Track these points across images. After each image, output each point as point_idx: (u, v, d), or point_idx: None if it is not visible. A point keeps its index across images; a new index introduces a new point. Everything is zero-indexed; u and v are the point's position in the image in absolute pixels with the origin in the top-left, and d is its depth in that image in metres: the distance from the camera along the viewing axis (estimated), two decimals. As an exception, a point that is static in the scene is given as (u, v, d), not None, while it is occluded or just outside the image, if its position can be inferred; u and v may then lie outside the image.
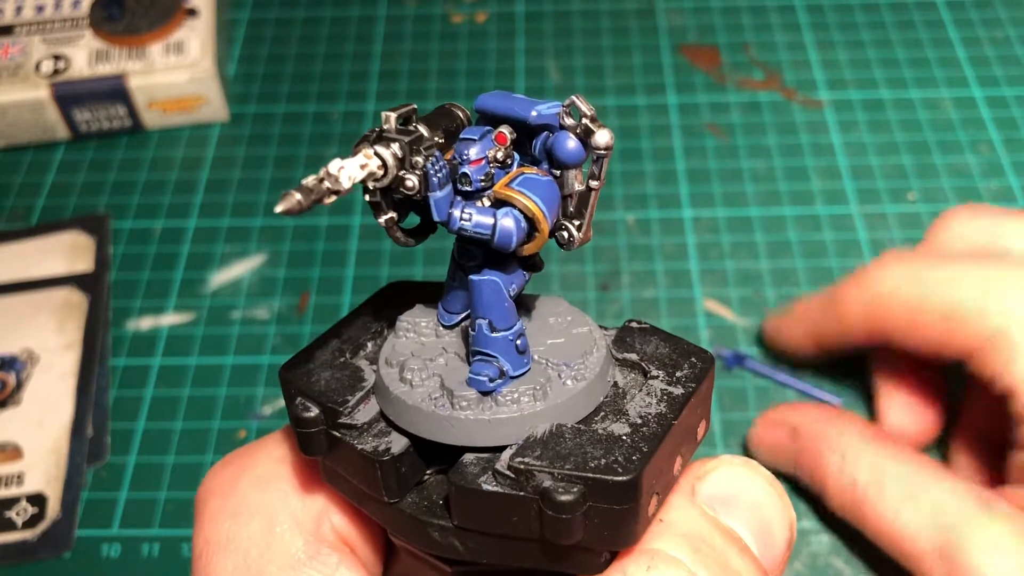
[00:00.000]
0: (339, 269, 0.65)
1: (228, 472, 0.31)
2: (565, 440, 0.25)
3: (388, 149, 0.24)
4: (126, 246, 0.67)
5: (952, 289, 0.45)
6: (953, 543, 0.41)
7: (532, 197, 0.25)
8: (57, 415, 0.58)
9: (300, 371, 0.28)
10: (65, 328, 0.62)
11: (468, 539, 0.26)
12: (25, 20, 0.75)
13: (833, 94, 0.74)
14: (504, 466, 0.25)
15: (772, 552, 0.28)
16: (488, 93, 0.26)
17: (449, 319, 0.29)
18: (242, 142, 0.73)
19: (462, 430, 0.26)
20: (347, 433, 0.27)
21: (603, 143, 0.25)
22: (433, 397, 0.26)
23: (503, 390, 0.26)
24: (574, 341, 0.28)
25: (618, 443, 0.25)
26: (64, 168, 0.72)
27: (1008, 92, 0.73)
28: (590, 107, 0.25)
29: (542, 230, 0.25)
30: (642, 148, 0.71)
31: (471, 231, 0.25)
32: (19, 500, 0.55)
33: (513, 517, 0.25)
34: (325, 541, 0.29)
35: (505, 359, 0.26)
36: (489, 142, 0.26)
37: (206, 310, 0.63)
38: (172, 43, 0.72)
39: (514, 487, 0.25)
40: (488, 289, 0.26)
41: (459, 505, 0.26)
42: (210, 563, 0.29)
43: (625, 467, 0.24)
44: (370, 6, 0.83)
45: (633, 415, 0.26)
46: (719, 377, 0.59)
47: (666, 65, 0.77)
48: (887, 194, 0.67)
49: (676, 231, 0.66)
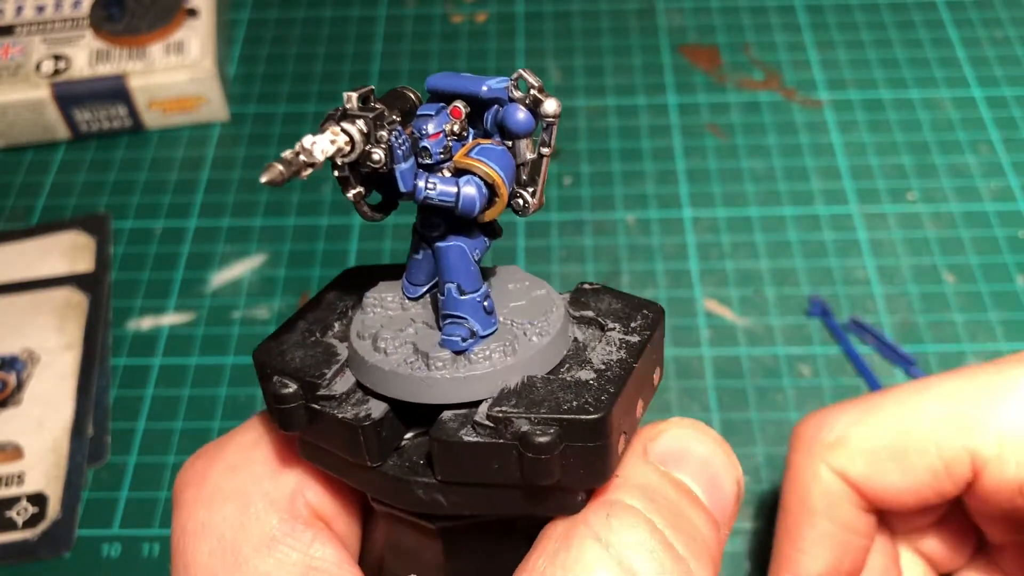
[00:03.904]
0: (339, 269, 0.65)
1: (200, 463, 0.31)
2: (537, 389, 0.27)
3: (354, 125, 0.26)
4: (126, 246, 0.67)
5: (921, 418, 0.39)
6: None
7: (491, 164, 0.27)
8: (58, 415, 0.58)
9: (273, 352, 0.29)
10: (65, 328, 0.62)
11: (451, 493, 0.28)
12: (25, 20, 0.75)
13: (833, 94, 0.74)
14: (483, 417, 0.26)
15: (721, 503, 0.30)
16: (437, 74, 0.28)
17: (414, 291, 0.30)
18: (242, 142, 0.73)
19: (439, 389, 0.27)
20: (326, 405, 0.28)
21: (551, 111, 0.27)
22: (408, 361, 0.28)
23: (475, 349, 0.28)
24: (535, 302, 0.30)
25: (586, 387, 0.27)
26: (64, 168, 0.72)
27: (1008, 92, 0.73)
28: (537, 79, 0.27)
29: (501, 195, 0.27)
30: (642, 148, 0.71)
31: (436, 199, 0.27)
32: (19, 500, 0.55)
33: (494, 465, 0.27)
34: (299, 518, 0.30)
35: (474, 320, 0.28)
36: (445, 117, 0.27)
37: (206, 310, 0.63)
38: (172, 43, 0.72)
39: (493, 435, 0.26)
40: (454, 254, 0.28)
41: (442, 459, 0.27)
42: (187, 550, 0.30)
43: (595, 406, 0.26)
44: (370, 6, 0.83)
45: (597, 362, 0.28)
46: (719, 377, 0.59)
47: (666, 65, 0.77)
48: (887, 194, 0.68)
49: (676, 231, 0.66)
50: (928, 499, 0.40)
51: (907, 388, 0.40)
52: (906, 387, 0.40)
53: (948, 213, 0.66)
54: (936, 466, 0.38)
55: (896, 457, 0.39)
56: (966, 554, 0.45)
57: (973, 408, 0.38)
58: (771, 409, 0.57)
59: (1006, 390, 0.37)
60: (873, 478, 0.40)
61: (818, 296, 0.62)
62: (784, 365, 0.59)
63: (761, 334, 0.60)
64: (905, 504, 0.40)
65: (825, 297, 0.62)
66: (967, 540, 0.44)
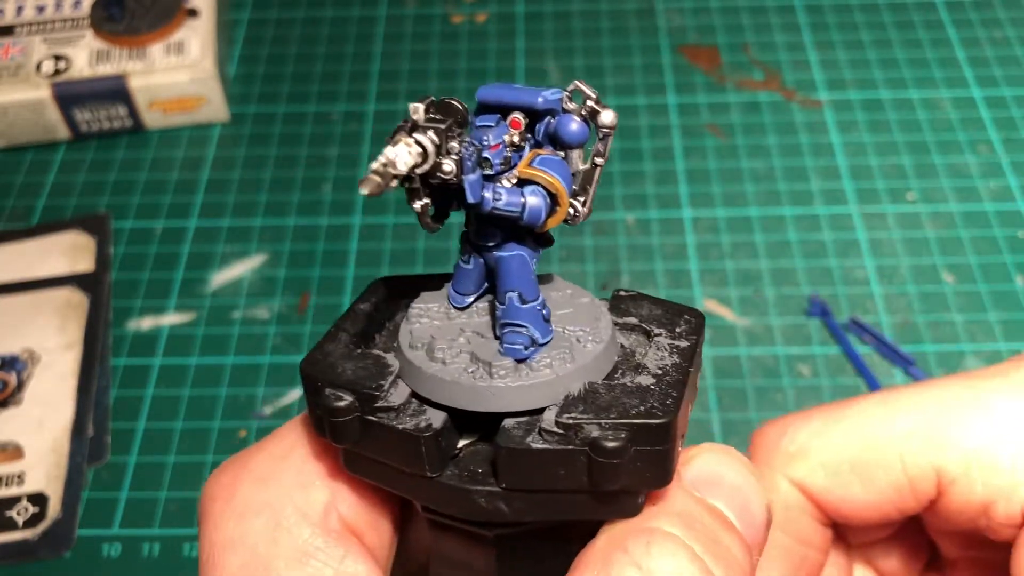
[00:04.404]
0: (339, 269, 0.65)
1: (227, 476, 0.31)
2: (601, 395, 0.28)
3: (426, 136, 0.26)
4: (127, 246, 0.67)
5: (887, 432, 0.38)
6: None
7: (554, 175, 0.27)
8: (58, 415, 0.58)
9: (322, 365, 0.29)
10: (66, 328, 0.62)
11: (515, 500, 0.28)
12: (26, 20, 0.75)
13: (832, 94, 0.74)
14: (550, 424, 0.27)
15: (753, 529, 0.30)
16: (488, 85, 0.28)
17: (461, 301, 0.30)
18: (242, 142, 0.73)
19: (504, 398, 0.28)
20: (384, 416, 0.28)
21: (608, 122, 0.27)
22: (469, 371, 0.28)
23: (536, 356, 0.28)
24: (581, 310, 0.30)
25: (649, 392, 0.28)
26: (65, 168, 0.72)
27: (1007, 92, 0.74)
28: (593, 90, 0.27)
29: (563, 204, 0.27)
30: (642, 148, 0.71)
31: (503, 209, 0.27)
32: (20, 499, 0.55)
33: (560, 471, 0.27)
34: (332, 532, 0.29)
35: (535, 328, 0.28)
36: (504, 128, 0.28)
37: (207, 310, 0.63)
38: (173, 43, 0.72)
39: (563, 441, 0.27)
40: (517, 263, 0.28)
41: (508, 467, 0.27)
42: (217, 563, 0.29)
43: (663, 411, 0.27)
44: (370, 6, 0.83)
45: (653, 368, 0.29)
46: (719, 377, 0.59)
47: (666, 65, 0.77)
48: (886, 194, 0.68)
49: (676, 231, 0.66)
50: (890, 515, 0.39)
51: (873, 399, 0.39)
52: (872, 398, 0.39)
53: (947, 213, 0.66)
54: (901, 482, 0.37)
55: (859, 471, 0.38)
56: (918, 568, 0.44)
57: (941, 424, 0.37)
58: (771, 409, 0.57)
59: (976, 407, 0.36)
60: (834, 492, 0.39)
61: (818, 296, 0.62)
62: (784, 365, 0.59)
63: (761, 334, 0.60)
64: (866, 519, 0.39)
65: (825, 297, 0.62)
66: (920, 554, 0.44)
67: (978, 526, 0.37)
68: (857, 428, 0.38)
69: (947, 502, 0.37)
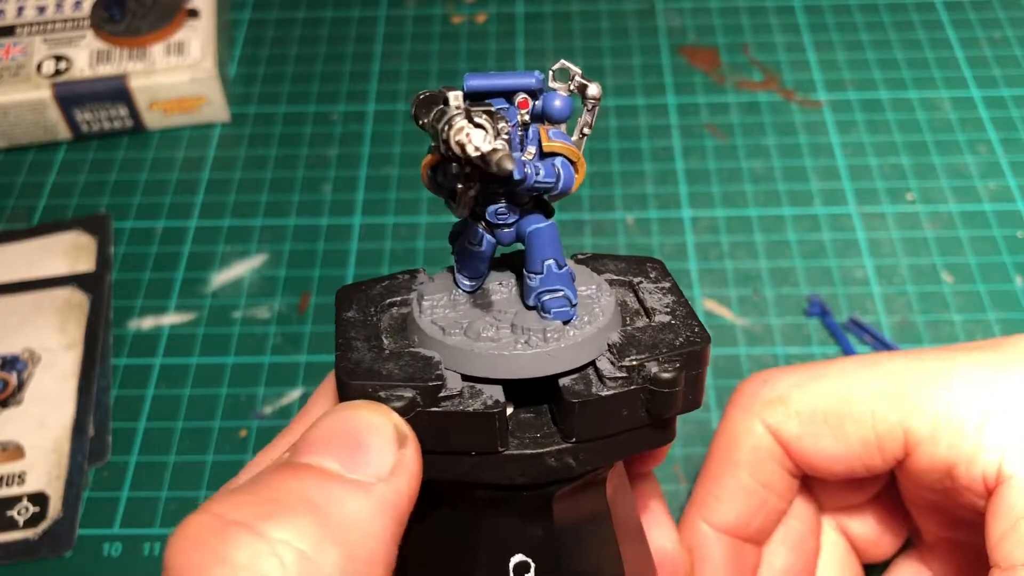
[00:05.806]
0: (339, 269, 0.65)
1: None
2: (638, 338, 0.30)
3: (483, 119, 0.27)
4: (127, 246, 0.67)
5: (862, 389, 0.39)
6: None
7: (571, 145, 0.30)
8: (58, 414, 0.58)
9: (364, 372, 0.29)
10: (66, 328, 0.62)
11: (580, 452, 0.29)
12: (26, 21, 0.75)
13: (832, 95, 0.74)
14: (611, 371, 0.29)
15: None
16: (472, 74, 0.29)
17: (472, 284, 0.32)
18: (243, 142, 0.73)
19: (564, 357, 0.29)
20: (449, 404, 0.29)
21: (595, 94, 0.30)
22: (520, 342, 0.29)
23: (575, 316, 0.30)
24: (579, 274, 0.33)
25: (673, 327, 0.31)
26: (65, 168, 0.72)
27: (1006, 92, 0.74)
28: (576, 68, 0.30)
29: (581, 171, 0.30)
30: (642, 148, 0.71)
31: (543, 181, 0.29)
32: (20, 499, 0.55)
33: (624, 411, 0.29)
34: None
35: (569, 290, 0.30)
36: (515, 110, 0.29)
37: (207, 310, 0.63)
38: (173, 44, 0.73)
39: (626, 384, 0.29)
40: (548, 233, 0.30)
41: (580, 420, 0.29)
42: None
43: (699, 337, 0.30)
44: (370, 7, 0.83)
45: (659, 308, 0.32)
46: (719, 376, 0.59)
47: (665, 66, 0.77)
48: (886, 194, 0.68)
49: (675, 231, 0.66)
50: (856, 470, 0.40)
51: (855, 360, 0.41)
52: (854, 359, 0.41)
53: (947, 213, 0.66)
54: (869, 438, 0.39)
55: (831, 423, 0.40)
56: (893, 544, 0.45)
57: (914, 388, 0.38)
58: (770, 409, 0.57)
59: (949, 376, 0.38)
60: (805, 441, 0.40)
61: (817, 296, 0.62)
62: (783, 364, 0.59)
63: (760, 334, 0.60)
64: (832, 472, 0.41)
65: (824, 297, 0.62)
66: (895, 529, 0.45)
67: (944, 488, 0.38)
68: (835, 383, 0.40)
69: (914, 461, 0.38)
